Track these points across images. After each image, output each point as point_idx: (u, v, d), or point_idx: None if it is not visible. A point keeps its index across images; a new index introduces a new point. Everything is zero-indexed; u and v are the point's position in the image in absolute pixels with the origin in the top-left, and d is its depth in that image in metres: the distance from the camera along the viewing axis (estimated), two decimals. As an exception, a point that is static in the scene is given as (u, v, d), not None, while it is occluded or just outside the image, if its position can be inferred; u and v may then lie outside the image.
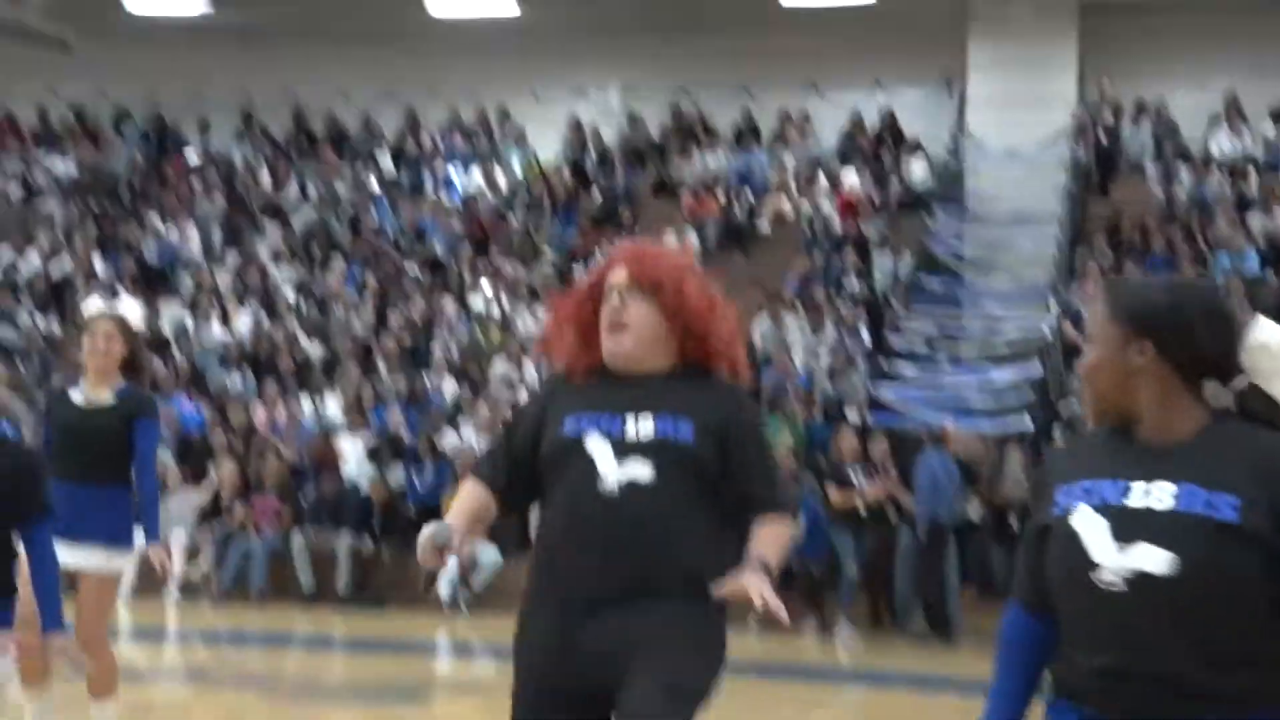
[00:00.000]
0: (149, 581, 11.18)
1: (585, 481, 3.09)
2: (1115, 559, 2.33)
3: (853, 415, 13.68)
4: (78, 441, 5.96)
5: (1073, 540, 2.39)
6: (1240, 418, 2.41)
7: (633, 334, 3.18)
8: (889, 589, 12.19)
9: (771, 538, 3.15)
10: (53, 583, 4.65)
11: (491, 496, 3.30)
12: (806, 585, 12.29)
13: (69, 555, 5.61)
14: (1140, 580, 2.30)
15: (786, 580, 12.28)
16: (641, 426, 3.11)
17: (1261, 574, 2.27)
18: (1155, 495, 2.35)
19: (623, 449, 3.10)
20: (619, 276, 3.21)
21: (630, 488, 3.07)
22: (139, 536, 6.10)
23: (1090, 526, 2.38)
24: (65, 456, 5.90)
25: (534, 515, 3.51)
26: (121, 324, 6.14)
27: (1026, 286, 16.25)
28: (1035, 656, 2.56)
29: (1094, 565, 2.35)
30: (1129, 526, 2.34)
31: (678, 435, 3.11)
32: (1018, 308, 15.79)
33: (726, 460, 3.14)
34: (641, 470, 3.08)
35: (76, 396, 6.13)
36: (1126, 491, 2.38)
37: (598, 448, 3.11)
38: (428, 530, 3.16)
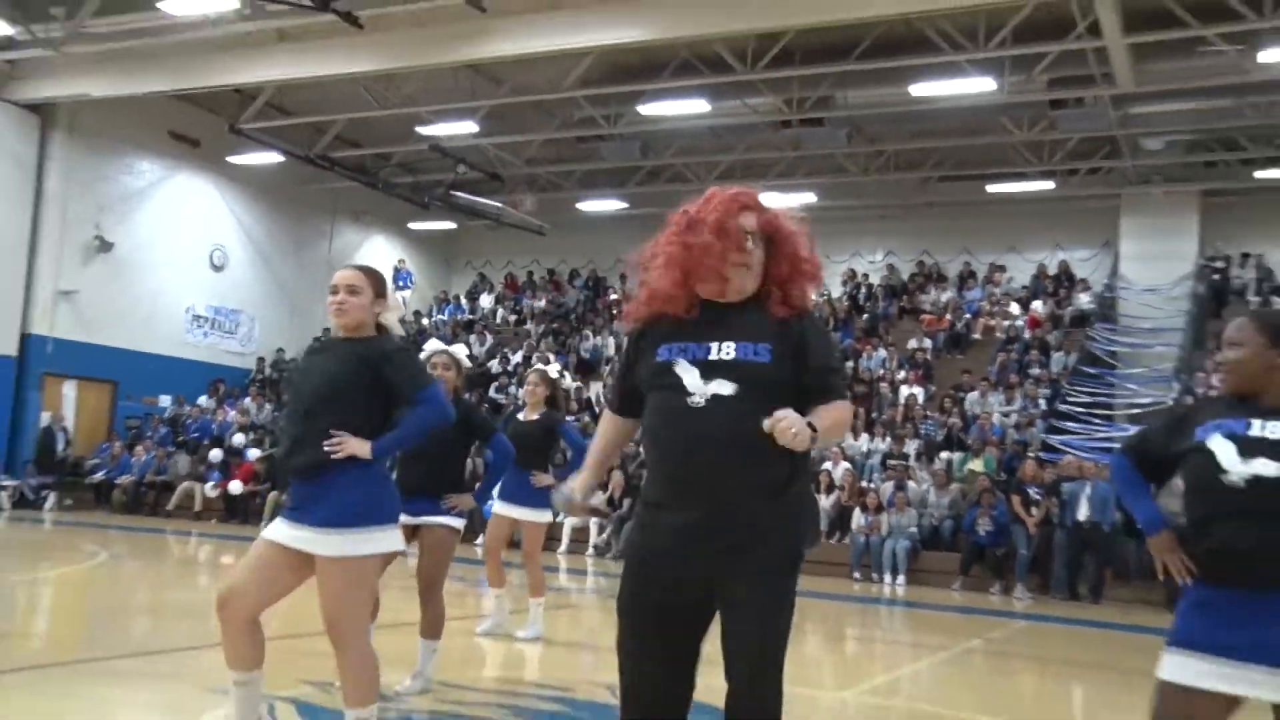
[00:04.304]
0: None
1: (676, 397, 2.58)
2: (1239, 468, 2.38)
3: (1031, 454, 13.94)
4: (520, 443, 6.10)
5: (1208, 457, 2.42)
6: None
7: (753, 273, 2.63)
8: (1049, 569, 12.49)
9: (830, 412, 2.55)
10: (498, 477, 4.98)
11: (617, 420, 2.87)
12: (992, 562, 12.74)
13: (515, 512, 6.30)
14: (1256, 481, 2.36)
15: (979, 557, 12.83)
16: (724, 351, 2.58)
17: None
18: (1269, 430, 2.41)
19: (708, 370, 2.57)
20: (750, 223, 2.64)
21: (715, 399, 2.54)
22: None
23: (1222, 448, 2.40)
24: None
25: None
26: (546, 377, 6.48)
27: (1158, 375, 16.23)
28: (1142, 480, 2.68)
29: (1223, 471, 2.39)
30: (1250, 448, 2.39)
31: (756, 356, 2.57)
32: (1152, 388, 15.81)
33: (801, 371, 2.59)
34: (725, 387, 2.55)
35: (521, 416, 6.52)
36: (1248, 426, 2.43)
37: (686, 371, 2.59)
38: (555, 496, 2.87)
